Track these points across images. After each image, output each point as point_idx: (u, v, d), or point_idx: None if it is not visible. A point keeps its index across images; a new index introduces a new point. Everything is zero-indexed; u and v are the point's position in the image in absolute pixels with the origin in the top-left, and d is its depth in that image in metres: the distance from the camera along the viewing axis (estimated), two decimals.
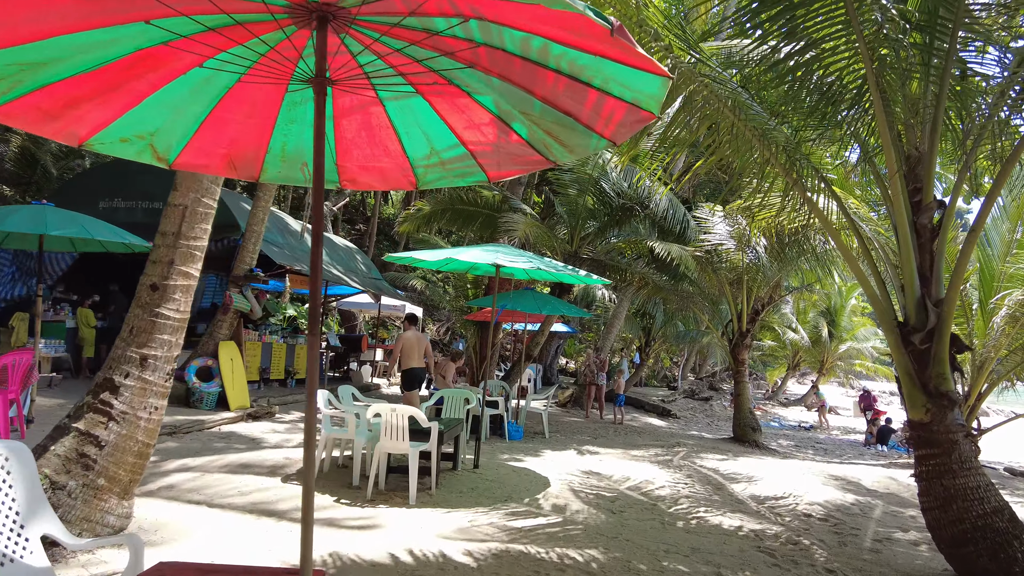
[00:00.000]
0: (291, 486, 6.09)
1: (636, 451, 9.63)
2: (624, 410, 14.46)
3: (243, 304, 9.83)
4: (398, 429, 5.86)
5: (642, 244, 11.14)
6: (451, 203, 12.15)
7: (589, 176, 10.77)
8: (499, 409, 9.87)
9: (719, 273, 11.80)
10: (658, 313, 18.76)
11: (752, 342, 12.53)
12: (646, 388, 28.38)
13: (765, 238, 10.15)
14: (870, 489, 7.55)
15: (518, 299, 10.39)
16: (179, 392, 9.77)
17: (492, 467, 7.49)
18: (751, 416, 12.12)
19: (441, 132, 3.00)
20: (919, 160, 4.76)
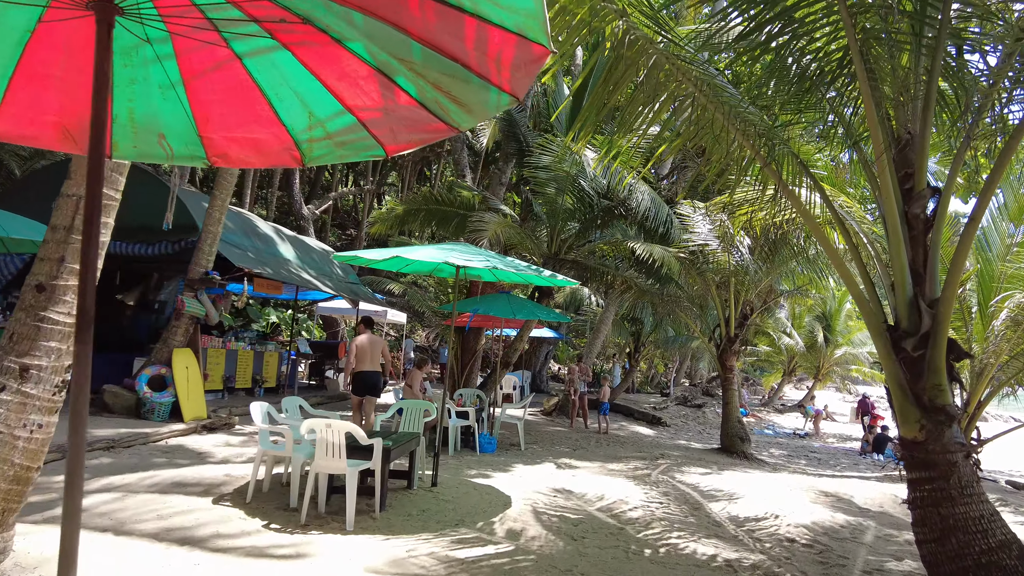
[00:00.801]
0: (220, 508, 5.50)
1: (615, 464, 9.04)
2: (609, 418, 13.87)
3: (197, 309, 9.24)
4: (334, 446, 5.27)
5: (623, 246, 10.57)
6: (425, 203, 11.59)
7: (567, 174, 10.21)
8: (470, 420, 9.28)
9: (705, 275, 11.25)
10: (647, 318, 18.19)
11: (741, 348, 11.97)
12: (639, 395, 27.80)
13: (749, 237, 9.59)
14: (862, 507, 6.97)
15: (491, 303, 9.82)
16: (129, 402, 9.20)
17: (453, 485, 6.91)
18: (739, 426, 11.54)
19: (317, 94, 2.44)
20: (909, 142, 4.21)
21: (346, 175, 36.51)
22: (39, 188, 11.08)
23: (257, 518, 5.28)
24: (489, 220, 9.47)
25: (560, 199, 10.60)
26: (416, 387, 9.57)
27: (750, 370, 41.53)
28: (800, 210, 4.46)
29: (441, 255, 5.73)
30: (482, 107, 2.24)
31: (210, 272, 9.50)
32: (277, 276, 11.24)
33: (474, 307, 9.82)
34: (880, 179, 4.00)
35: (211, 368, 11.26)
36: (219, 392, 11.47)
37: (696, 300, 13.14)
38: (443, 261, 5.75)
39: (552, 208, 10.96)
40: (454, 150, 14.56)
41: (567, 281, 6.78)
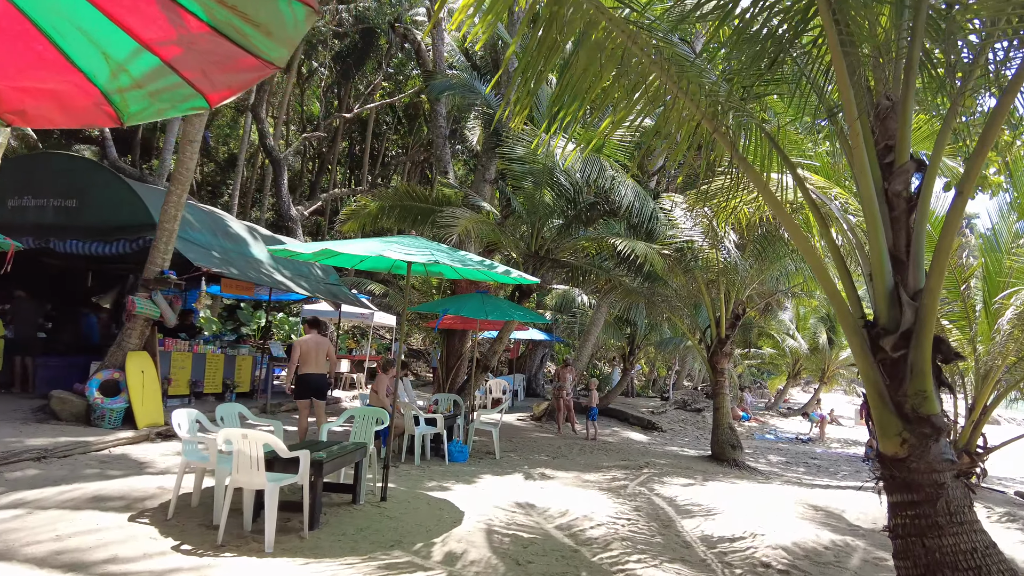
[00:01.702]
0: (134, 526, 4.98)
1: (593, 475, 8.46)
2: (600, 424, 13.28)
3: (150, 310, 8.75)
4: (251, 459, 4.74)
5: (605, 242, 9.99)
6: (400, 199, 11.06)
7: (543, 166, 9.63)
8: (438, 427, 8.72)
9: (693, 274, 10.65)
10: (641, 319, 17.57)
11: (733, 350, 11.36)
12: (638, 399, 27.15)
13: (735, 232, 9.00)
14: (853, 524, 6.35)
15: (463, 303, 9.28)
16: (79, 409, 8.71)
17: (405, 499, 6.36)
18: (730, 432, 10.92)
19: (99, 23, 1.92)
20: (891, 111, 3.63)
21: (348, 177, 36.17)
22: None
23: (170, 537, 4.76)
24: (460, 215, 8.92)
25: (538, 194, 10.03)
26: (382, 392, 9.01)
27: (756, 373, 40.77)
28: (758, 185, 3.87)
29: (378, 248, 5.19)
30: (280, 25, 1.71)
31: (166, 272, 9.00)
32: (243, 276, 10.75)
33: (444, 307, 9.28)
34: (855, 150, 3.42)
35: (176, 372, 10.77)
36: (185, 397, 10.96)
37: (688, 300, 12.54)
38: (377, 254, 5.21)
39: (532, 204, 10.39)
40: (435, 146, 14.03)
41: (523, 279, 6.21)
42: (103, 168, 10.42)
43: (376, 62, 30.62)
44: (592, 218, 11.75)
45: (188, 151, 8.98)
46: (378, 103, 27.95)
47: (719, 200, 6.14)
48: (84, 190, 10.04)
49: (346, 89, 31.79)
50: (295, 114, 35.73)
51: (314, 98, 35.80)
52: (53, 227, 10.04)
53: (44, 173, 10.30)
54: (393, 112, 33.28)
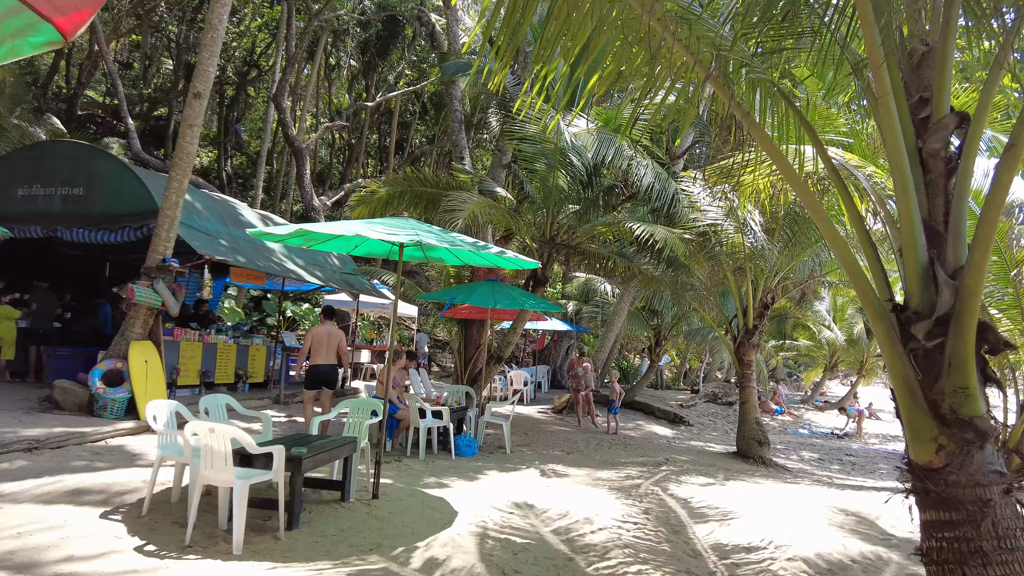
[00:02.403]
0: (104, 523, 4.72)
1: (606, 472, 8.00)
2: (623, 418, 12.77)
3: (150, 298, 8.55)
4: (218, 455, 4.41)
5: (623, 227, 9.45)
6: (409, 184, 10.68)
7: (555, 146, 9.11)
8: (444, 419, 8.35)
9: (718, 259, 10.04)
10: (667, 309, 16.93)
11: (761, 340, 10.72)
12: (667, 391, 26.48)
13: (760, 213, 8.38)
14: (886, 533, 5.77)
15: (470, 291, 8.88)
16: (81, 399, 8.58)
17: (399, 497, 6.00)
18: (757, 427, 10.30)
19: None
20: (926, 57, 3.07)
21: (378, 168, 36.05)
22: (2, 174, 10.60)
23: (137, 536, 4.47)
24: (468, 200, 8.49)
25: (552, 177, 9.53)
26: (389, 384, 8.67)
27: (792, 365, 39.54)
28: (767, 147, 3.33)
29: (357, 228, 4.81)
30: None
31: (167, 259, 8.79)
32: (251, 265, 10.52)
33: (452, 296, 8.89)
34: (880, 101, 2.88)
35: (185, 362, 10.61)
36: (195, 387, 10.81)
37: (714, 288, 11.91)
38: (355, 233, 4.82)
39: (545, 187, 9.89)
40: (451, 131, 13.61)
41: (520, 261, 5.73)
42: (109, 155, 10.27)
43: (401, 51, 30.38)
44: (611, 203, 11.21)
45: (188, 135, 8.74)
46: (400, 92, 27.65)
47: (739, 174, 5.58)
48: (91, 178, 9.90)
49: (372, 79, 31.65)
50: (324, 106, 35.78)
51: (343, 91, 35.79)
52: (61, 216, 9.93)
53: (52, 161, 10.19)
54: (419, 101, 33.03)
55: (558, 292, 26.35)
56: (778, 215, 9.67)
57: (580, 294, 20.78)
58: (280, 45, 23.55)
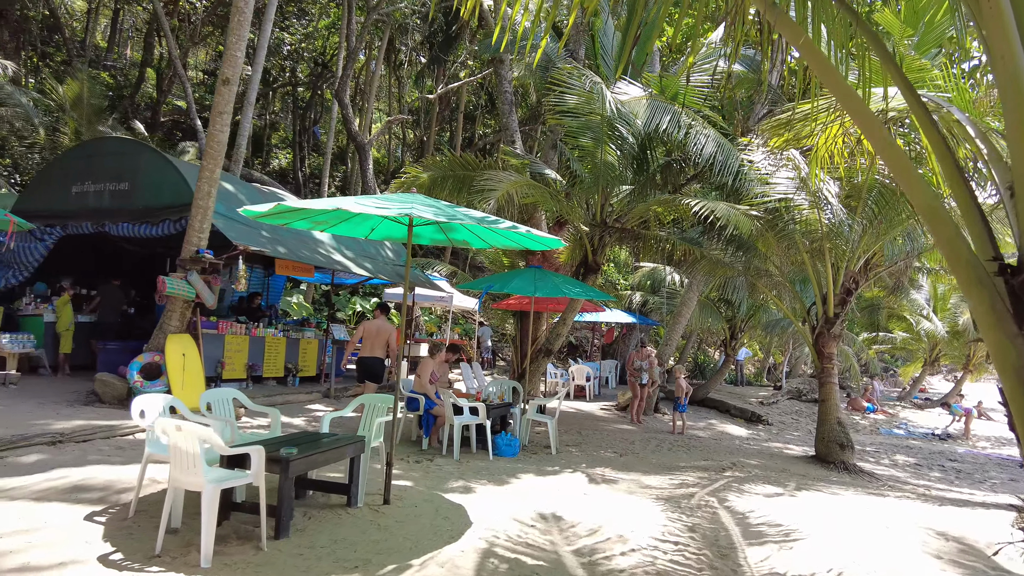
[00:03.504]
0: (84, 525, 4.39)
1: (657, 478, 7.15)
2: (694, 416, 11.77)
3: (183, 290, 8.38)
4: (188, 455, 3.95)
5: (681, 205, 8.51)
6: (452, 169, 10.12)
7: (601, 117, 8.24)
8: (480, 417, 7.74)
9: (791, 239, 8.90)
10: (742, 298, 15.63)
11: (843, 331, 9.48)
12: (747, 388, 24.92)
13: (836, 183, 7.26)
14: (1000, 568, 4.64)
15: (508, 279, 8.22)
16: (121, 392, 8.55)
17: (413, 503, 5.43)
18: (839, 428, 9.08)
19: None
20: None
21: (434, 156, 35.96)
22: (59, 172, 10.83)
23: (109, 543, 4.10)
24: (501, 178, 7.81)
25: (600, 152, 8.68)
26: (424, 378, 8.16)
27: (887, 359, 36.59)
28: (825, 77, 2.46)
29: (340, 203, 4.24)
30: None
31: (200, 251, 8.62)
32: (294, 256, 10.26)
33: (488, 284, 8.26)
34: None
35: (231, 356, 10.53)
36: (242, 381, 10.72)
37: (789, 273, 10.72)
38: (335, 207, 4.24)
39: (593, 164, 9.06)
40: (501, 113, 12.96)
41: (534, 237, 4.97)
42: (151, 150, 10.27)
43: (464, 42, 30.04)
44: (670, 182, 10.25)
45: (218, 123, 8.51)
46: (461, 82, 27.29)
47: (801, 129, 4.62)
48: (135, 173, 9.93)
49: (437, 73, 31.50)
50: (396, 105, 36.05)
51: (414, 89, 35.91)
52: (109, 211, 10.02)
53: (101, 158, 10.31)
54: (486, 94, 32.62)
55: (625, 283, 25.27)
56: (859, 188, 8.45)
57: (647, 284, 19.70)
58: (342, 41, 23.66)
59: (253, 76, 16.15)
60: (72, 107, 17.48)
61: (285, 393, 10.78)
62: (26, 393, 8.93)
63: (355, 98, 31.96)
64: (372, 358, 8.71)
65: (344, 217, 5.76)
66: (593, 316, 19.32)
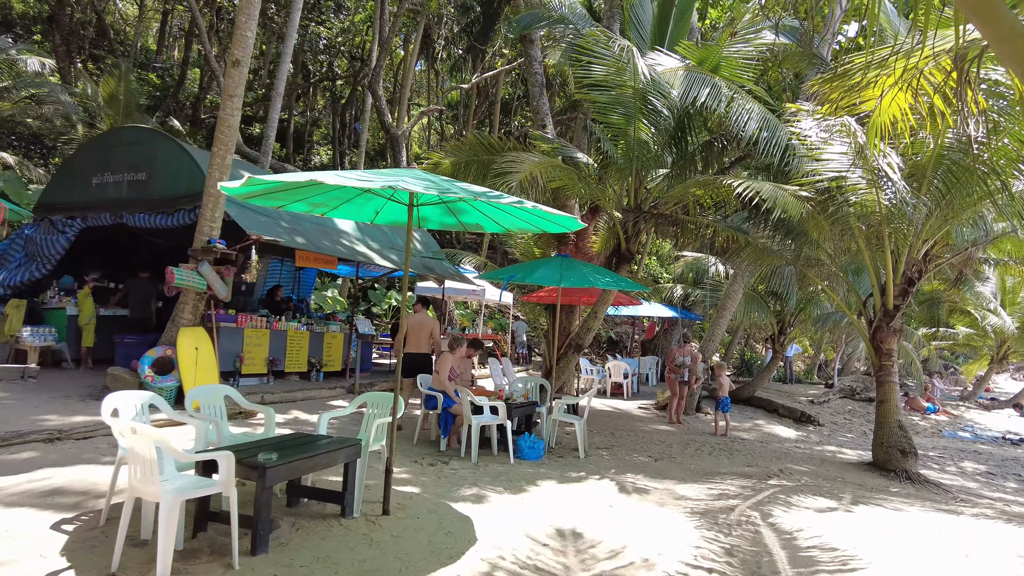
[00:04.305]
0: (47, 535, 4.01)
1: (695, 487, 6.46)
2: (738, 415, 10.96)
3: (192, 282, 8.05)
4: (144, 462, 3.49)
5: (722, 186, 7.75)
6: (475, 153, 9.55)
7: (632, 89, 7.50)
8: (500, 416, 7.17)
9: (845, 223, 8.04)
10: (791, 290, 14.62)
11: (903, 325, 8.55)
12: (797, 385, 23.71)
13: (898, 155, 6.40)
14: None
15: (532, 269, 7.61)
16: (132, 386, 8.24)
17: (417, 513, 4.89)
18: (899, 433, 8.17)
19: None
20: None
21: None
22: (80, 164, 10.69)
23: (66, 557, 3.69)
24: (523, 160, 7.20)
25: (632, 128, 7.97)
26: (444, 374, 7.63)
27: (948, 356, 34.57)
28: None
29: (320, 176, 3.70)
30: None
31: (212, 241, 8.28)
32: (311, 247, 9.87)
33: (510, 274, 7.67)
34: None
35: (251, 350, 10.22)
36: (262, 376, 10.41)
37: (842, 261, 9.82)
38: (309, 179, 3.71)
39: (626, 143, 8.35)
40: (531, 96, 12.34)
41: (552, 219, 4.34)
42: (167, 138, 10.01)
43: (500, 31, 29.45)
44: (711, 162, 9.46)
45: (228, 107, 8.14)
46: (495, 71, 26.73)
47: (859, 87, 3.88)
48: (152, 162, 9.69)
49: (476, 63, 31.01)
50: (435, 99, 35.74)
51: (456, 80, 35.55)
52: (127, 201, 9.82)
53: (120, 148, 10.12)
54: (524, 84, 31.98)
55: (668, 276, 24.31)
56: (923, 165, 7.54)
57: (689, 276, 18.80)
58: (376, 32, 23.37)
59: (281, 65, 15.89)
60: (107, 104, 17.57)
61: (307, 389, 10.41)
62: (43, 387, 8.78)
63: (392, 92, 31.77)
64: (418, 354, 8.46)
65: (345, 198, 5.26)
66: (632, 310, 18.55)
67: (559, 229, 5.07)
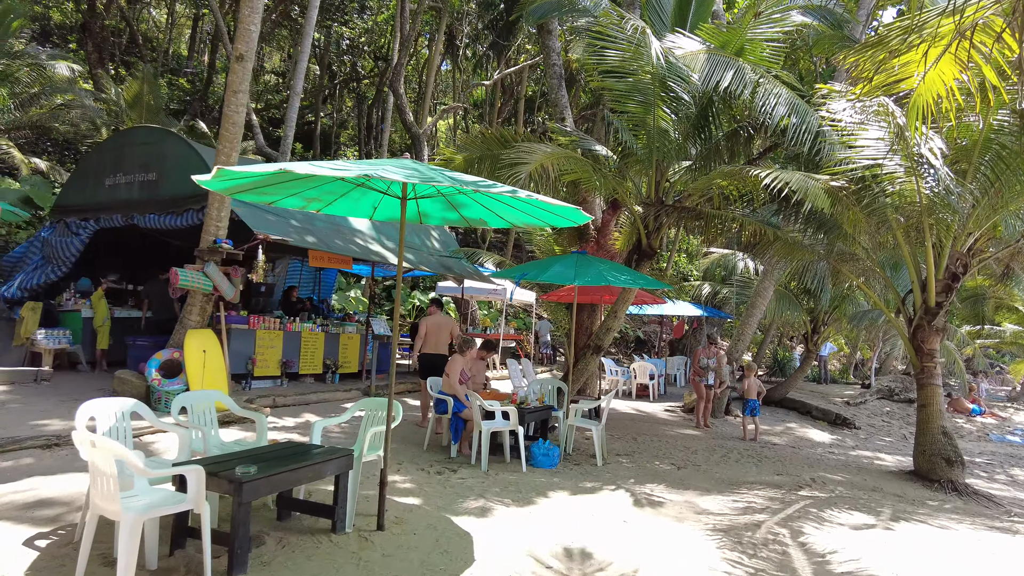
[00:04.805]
0: (18, 551, 3.78)
1: (718, 499, 6.02)
2: (758, 420, 10.43)
3: (198, 283, 7.87)
4: (105, 477, 3.22)
5: (748, 176, 7.26)
6: (488, 147, 9.21)
7: (651, 75, 7.05)
8: (511, 422, 6.81)
9: (882, 215, 7.49)
10: (824, 287, 13.96)
11: (946, 323, 7.97)
12: (832, 386, 22.88)
13: (942, 138, 5.87)
14: None
15: (546, 266, 7.24)
16: (138, 390, 8.12)
17: (414, 528, 4.57)
18: (944, 440, 7.58)
19: None
20: None
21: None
22: (95, 166, 10.62)
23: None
24: (535, 150, 6.83)
25: (651, 117, 7.53)
26: (454, 377, 7.31)
27: (993, 355, 33.10)
28: None
29: (288, 165, 3.39)
30: None
31: (218, 240, 8.08)
32: (322, 246, 9.64)
33: (522, 272, 7.31)
34: None
35: (263, 352, 10.04)
36: (276, 379, 10.22)
37: (879, 256, 9.23)
38: (278, 169, 3.40)
39: (646, 132, 7.91)
40: (550, 88, 11.96)
41: (554, 211, 3.95)
42: (176, 137, 9.87)
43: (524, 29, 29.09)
44: (737, 151, 8.97)
45: (233, 103, 7.93)
46: (517, 67, 26.38)
47: (897, 48, 3.42)
48: (162, 161, 9.56)
49: (500, 61, 30.70)
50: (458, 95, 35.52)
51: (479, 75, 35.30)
52: (138, 202, 9.71)
53: (131, 149, 10.02)
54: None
55: (698, 274, 23.67)
56: (969, 149, 6.96)
57: (717, 273, 18.19)
58: (397, 30, 23.21)
59: (298, 64, 15.78)
60: (131, 107, 17.68)
61: (321, 391, 10.19)
62: (55, 390, 8.69)
63: (418, 92, 31.61)
64: (437, 355, 8.35)
65: (338, 192, 4.97)
66: (658, 309, 18.02)
67: (565, 222, 4.70)
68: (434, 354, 8.49)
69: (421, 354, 8.75)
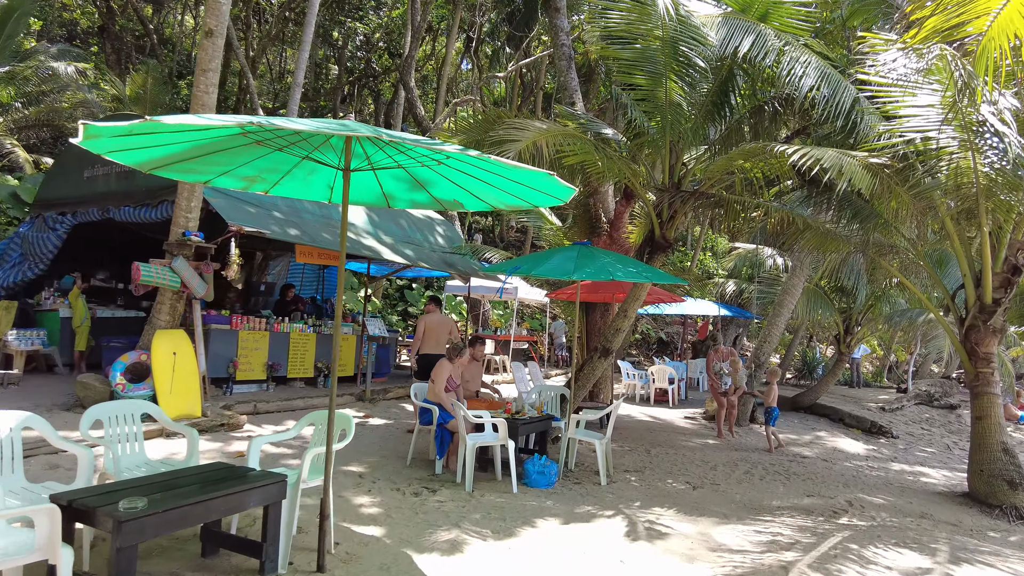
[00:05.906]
0: None
1: (736, 530, 5.12)
2: (789, 427, 9.46)
3: (163, 279, 7.18)
4: None
5: (776, 154, 6.34)
6: (486, 128, 8.40)
7: (660, 40, 6.15)
8: (500, 435, 5.99)
9: (929, 198, 6.51)
10: (859, 284, 12.88)
11: (1004, 323, 6.93)
12: (865, 390, 21.62)
13: (1014, 96, 4.90)
14: None
15: (540, 260, 6.40)
16: (102, 395, 7.44)
17: (368, 566, 3.79)
18: (1005, 458, 6.55)
19: None
20: None
21: None
22: (74, 158, 10.06)
23: None
24: (528, 127, 6.01)
25: (662, 89, 6.65)
26: (440, 385, 6.51)
27: None
28: None
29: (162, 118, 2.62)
30: None
31: (188, 233, 7.40)
32: (307, 240, 8.92)
33: (515, 265, 6.49)
34: None
35: (247, 354, 9.38)
36: (261, 383, 9.54)
37: (926, 248, 8.22)
38: (148, 121, 2.56)
39: (656, 106, 7.02)
40: (558, 70, 11.12)
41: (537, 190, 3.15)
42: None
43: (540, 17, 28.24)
44: (760, 133, 8.05)
45: (202, 82, 7.24)
46: (531, 57, 25.57)
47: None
48: None
49: (517, 53, 29.89)
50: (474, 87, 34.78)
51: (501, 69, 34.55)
52: (115, 194, 9.11)
53: None
54: None
55: (724, 272, 22.56)
56: None
57: (743, 270, 17.14)
58: (409, 22, 22.55)
59: (300, 54, 15.15)
60: (133, 101, 17.27)
61: (309, 396, 9.47)
62: (20, 395, 8.10)
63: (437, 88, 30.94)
64: (439, 355, 7.73)
65: (282, 170, 4.20)
66: (679, 308, 17.04)
67: (547, 199, 3.87)
68: (434, 354, 8.01)
69: (420, 355, 8.34)
